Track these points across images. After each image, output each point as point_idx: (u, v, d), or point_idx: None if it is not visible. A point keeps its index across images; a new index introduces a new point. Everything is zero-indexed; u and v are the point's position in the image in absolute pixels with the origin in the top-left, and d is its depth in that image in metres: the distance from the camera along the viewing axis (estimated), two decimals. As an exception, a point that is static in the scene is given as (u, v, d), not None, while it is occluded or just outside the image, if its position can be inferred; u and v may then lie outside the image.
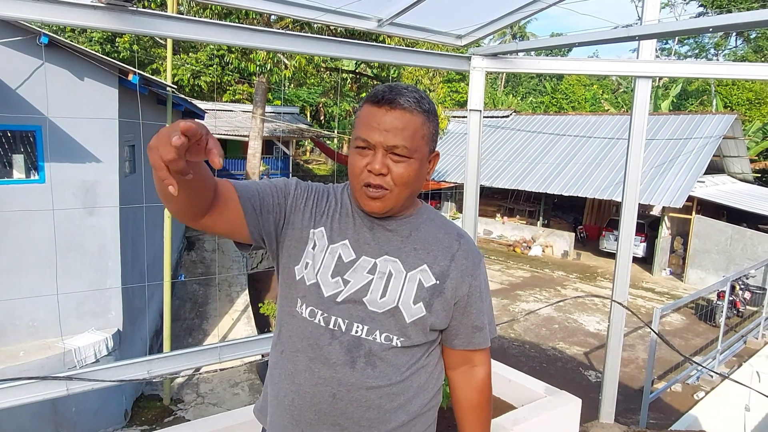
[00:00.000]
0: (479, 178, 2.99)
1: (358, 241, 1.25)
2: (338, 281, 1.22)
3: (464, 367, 1.36)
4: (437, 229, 1.31)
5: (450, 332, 1.31)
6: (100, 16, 1.89)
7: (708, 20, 2.23)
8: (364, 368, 1.19)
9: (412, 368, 1.25)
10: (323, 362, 1.20)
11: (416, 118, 1.17)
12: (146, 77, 7.15)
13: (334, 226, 1.26)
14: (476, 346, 1.33)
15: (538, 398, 2.56)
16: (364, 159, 1.17)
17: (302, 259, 1.25)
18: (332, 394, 1.19)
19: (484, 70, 2.87)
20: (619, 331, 3.15)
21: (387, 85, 1.19)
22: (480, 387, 1.37)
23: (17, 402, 2.08)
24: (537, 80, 38.41)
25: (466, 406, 1.37)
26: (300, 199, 1.27)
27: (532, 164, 17.13)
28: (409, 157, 1.17)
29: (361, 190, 1.19)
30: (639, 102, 2.92)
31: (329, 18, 2.49)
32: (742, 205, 13.56)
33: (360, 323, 1.20)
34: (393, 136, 1.15)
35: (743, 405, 5.55)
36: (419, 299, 1.22)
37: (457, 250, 1.28)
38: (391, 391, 1.21)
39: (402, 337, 1.22)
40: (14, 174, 5.97)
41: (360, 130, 1.18)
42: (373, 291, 1.21)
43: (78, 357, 6.02)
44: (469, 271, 1.28)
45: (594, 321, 10.70)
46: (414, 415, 1.26)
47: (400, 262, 1.24)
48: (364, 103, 1.20)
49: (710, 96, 25.11)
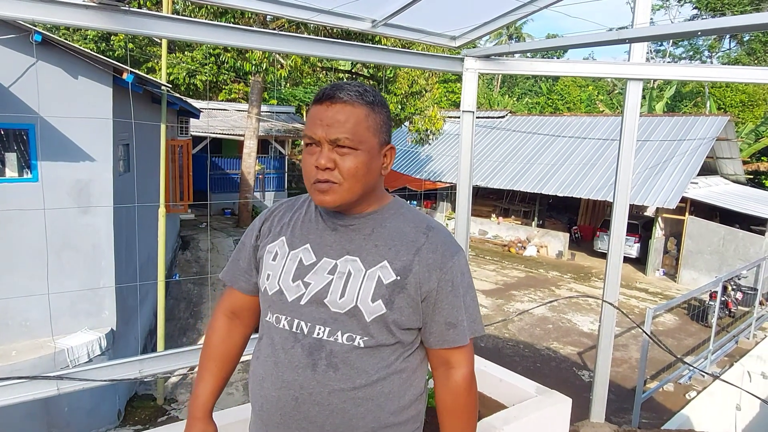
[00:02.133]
0: (472, 179, 3.01)
1: (320, 243, 1.26)
2: (299, 285, 1.23)
3: (442, 368, 1.30)
4: (405, 223, 1.27)
5: (425, 330, 1.26)
6: (93, 15, 1.89)
7: (698, 24, 2.25)
8: (325, 371, 1.17)
9: (381, 372, 1.20)
10: (286, 366, 1.20)
11: (358, 109, 1.17)
12: (141, 76, 7.13)
13: (296, 233, 1.29)
14: (450, 344, 1.26)
15: (529, 398, 2.58)
16: (312, 157, 1.19)
17: (263, 273, 1.30)
18: (295, 397, 1.19)
19: (477, 72, 2.88)
20: (609, 331, 3.17)
21: (331, 84, 1.21)
22: (455, 390, 1.28)
23: (7, 402, 2.08)
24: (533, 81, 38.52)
25: (441, 409, 1.31)
26: (262, 229, 1.36)
27: (527, 165, 17.18)
28: (354, 148, 1.16)
29: (312, 187, 1.20)
30: (630, 104, 2.94)
31: (323, 18, 2.49)
32: (735, 206, 13.65)
33: (322, 325, 1.20)
34: (334, 129, 1.16)
35: (734, 404, 5.60)
36: (378, 297, 1.18)
37: (424, 243, 1.23)
38: (357, 395, 1.18)
39: (365, 336, 1.18)
40: (7, 173, 5.94)
41: (306, 129, 1.21)
42: (332, 292, 1.20)
43: (71, 356, 6.00)
44: (437, 265, 1.21)
45: (588, 321, 10.74)
46: (386, 424, 1.21)
47: (360, 260, 1.22)
48: (310, 105, 1.22)
49: (704, 98, 25.23)
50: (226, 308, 1.42)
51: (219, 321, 1.41)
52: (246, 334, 1.44)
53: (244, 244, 1.39)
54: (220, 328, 1.41)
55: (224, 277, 1.42)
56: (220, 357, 1.39)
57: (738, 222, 13.96)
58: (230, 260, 1.42)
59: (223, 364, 1.39)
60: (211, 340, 1.41)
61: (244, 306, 1.40)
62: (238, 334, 1.42)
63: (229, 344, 1.41)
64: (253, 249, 1.36)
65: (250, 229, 1.39)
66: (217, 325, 1.41)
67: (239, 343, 1.42)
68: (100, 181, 6.39)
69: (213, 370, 1.38)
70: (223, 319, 1.41)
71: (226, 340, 1.40)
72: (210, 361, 1.39)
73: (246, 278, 1.37)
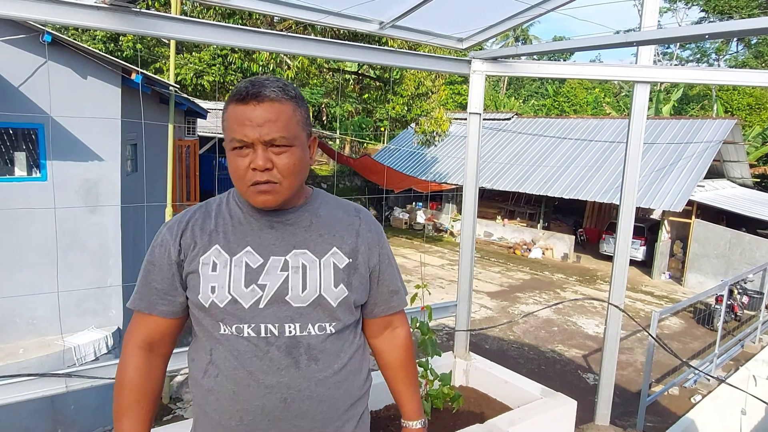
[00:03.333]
0: (478, 181, 3.01)
1: (261, 243, 1.23)
2: (254, 289, 1.20)
3: (386, 331, 1.42)
4: (335, 210, 1.33)
5: (369, 303, 1.36)
6: (104, 16, 1.91)
7: (706, 27, 2.26)
8: (308, 364, 1.20)
9: (349, 351, 1.28)
10: (266, 371, 1.18)
11: (286, 105, 1.15)
12: (149, 76, 7.18)
13: (230, 239, 1.23)
14: (395, 308, 1.40)
15: (534, 400, 2.59)
16: (244, 159, 1.15)
17: (202, 288, 1.20)
18: (283, 399, 1.18)
19: (484, 74, 2.89)
20: (615, 334, 3.17)
21: (248, 81, 1.16)
22: (405, 344, 1.44)
23: (17, 398, 2.10)
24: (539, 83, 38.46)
25: (396, 365, 1.43)
26: (183, 243, 1.24)
27: (533, 167, 17.15)
28: (289, 145, 1.16)
29: (249, 190, 1.17)
30: (637, 107, 2.94)
31: (331, 20, 2.51)
32: (741, 209, 13.58)
33: (290, 322, 1.20)
34: (268, 129, 1.13)
35: (740, 409, 5.56)
36: (339, 281, 1.24)
37: (360, 224, 1.33)
38: (336, 379, 1.23)
39: (333, 321, 1.24)
40: (16, 172, 5.99)
41: (233, 132, 1.14)
42: (292, 287, 1.21)
43: (78, 355, 6.04)
44: (375, 242, 1.33)
45: (593, 324, 10.71)
46: (356, 398, 1.29)
47: (309, 251, 1.24)
48: (228, 104, 1.16)
49: (711, 101, 25.11)
50: (141, 340, 1.27)
51: (135, 357, 1.25)
52: (165, 366, 1.32)
53: (154, 265, 1.25)
54: (139, 366, 1.25)
55: (137, 306, 1.27)
56: (144, 398, 1.25)
57: (744, 225, 13.89)
58: (139, 285, 1.27)
59: (148, 405, 1.26)
60: (130, 381, 1.24)
61: (165, 333, 1.29)
62: (159, 368, 1.29)
63: (152, 382, 1.27)
64: (176, 265, 1.23)
65: (161, 246, 1.25)
66: (134, 361, 1.25)
67: (161, 378, 1.30)
68: (108, 180, 6.44)
69: (139, 415, 1.24)
70: (140, 353, 1.26)
71: (148, 378, 1.26)
72: (133, 404, 1.24)
73: (167, 300, 1.25)
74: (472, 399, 2.76)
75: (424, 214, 19.61)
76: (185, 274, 1.23)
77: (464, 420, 2.49)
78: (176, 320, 1.29)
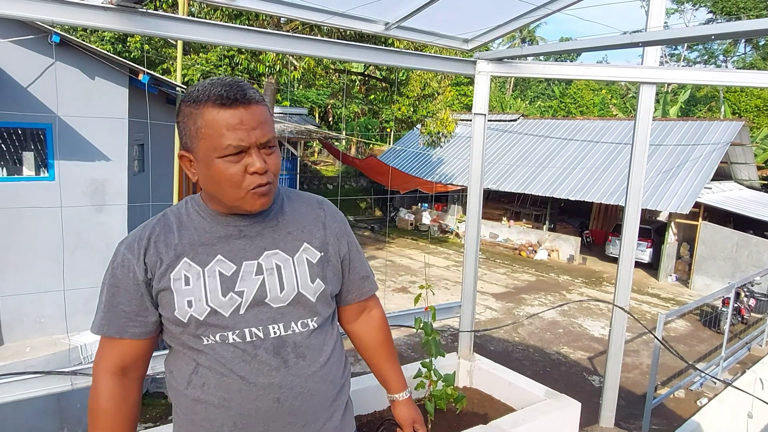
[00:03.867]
0: (483, 182, 3.01)
1: (231, 250, 1.20)
2: (232, 297, 1.18)
3: (363, 314, 1.47)
4: (298, 204, 1.33)
5: (343, 291, 1.39)
6: (110, 17, 1.93)
7: (711, 28, 2.25)
8: (296, 362, 1.21)
9: (330, 343, 1.30)
10: (256, 374, 1.18)
11: (264, 107, 1.15)
12: (156, 77, 7.22)
13: (198, 249, 1.19)
14: (368, 293, 1.44)
15: (538, 401, 2.58)
16: (238, 165, 1.12)
17: (177, 303, 1.16)
18: (276, 399, 1.19)
19: (489, 75, 2.89)
20: (620, 336, 3.16)
21: (221, 84, 1.11)
22: (382, 324, 1.49)
23: (22, 396, 2.11)
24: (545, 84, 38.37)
25: (376, 345, 1.48)
26: (147, 261, 1.18)
27: (539, 168, 17.11)
28: (274, 146, 1.18)
29: (248, 195, 1.14)
30: (643, 108, 2.93)
31: (337, 21, 2.52)
32: (749, 212, 13.49)
33: (273, 323, 1.20)
34: (261, 131, 1.13)
35: (746, 412, 5.53)
36: (315, 276, 1.26)
37: (325, 216, 1.34)
38: (323, 372, 1.26)
39: (314, 316, 1.25)
40: (24, 171, 6.03)
41: (223, 138, 1.09)
42: (270, 289, 1.20)
43: (84, 353, 6.07)
44: (342, 231, 1.36)
45: (599, 326, 10.67)
46: (339, 386, 1.32)
47: (281, 251, 1.24)
48: (204, 109, 1.10)
49: (719, 102, 24.98)
50: (113, 366, 1.21)
51: (108, 384, 1.20)
52: (140, 387, 1.27)
53: (118, 288, 1.18)
54: (113, 393, 1.19)
55: (105, 332, 1.20)
56: (120, 425, 1.20)
57: (752, 228, 13.79)
58: (104, 310, 1.20)
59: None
60: (105, 410, 1.19)
61: (138, 355, 1.23)
62: (134, 392, 1.24)
63: (128, 407, 1.22)
64: (143, 285, 1.18)
65: (122, 267, 1.18)
66: (107, 389, 1.19)
67: (137, 402, 1.24)
68: (115, 180, 6.48)
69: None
70: (113, 379, 1.20)
71: (123, 404, 1.21)
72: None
73: (138, 322, 1.20)
74: (475, 400, 2.76)
75: (429, 215, 19.60)
76: (155, 293, 1.18)
77: (468, 421, 2.48)
78: (149, 340, 1.24)
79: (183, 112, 1.14)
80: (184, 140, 1.17)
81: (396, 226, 19.77)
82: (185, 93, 1.17)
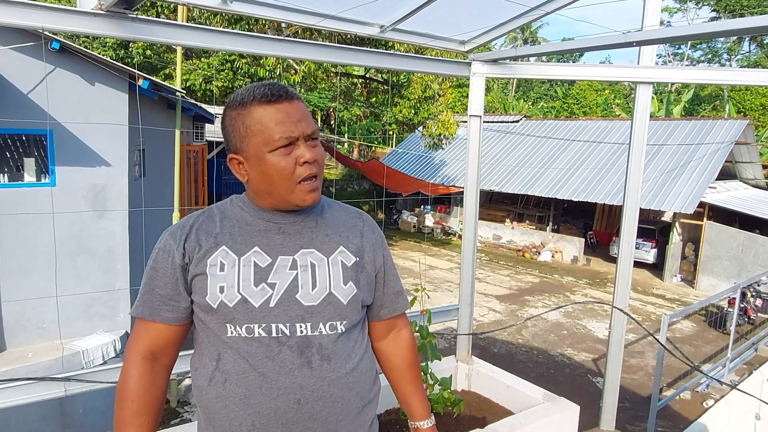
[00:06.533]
0: (479, 183, 3.00)
1: (269, 244, 1.23)
2: (264, 287, 1.19)
3: (391, 334, 1.43)
4: (338, 212, 1.36)
5: (375, 304, 1.37)
6: (101, 23, 1.92)
7: (709, 26, 2.23)
8: (321, 364, 1.19)
9: (359, 352, 1.27)
10: (278, 372, 1.16)
11: (304, 103, 1.21)
12: (156, 82, 7.23)
13: (237, 239, 1.22)
14: (401, 310, 1.42)
15: (536, 404, 2.56)
16: (289, 157, 1.16)
17: (210, 288, 1.18)
18: (296, 400, 1.16)
19: (484, 76, 2.87)
20: (620, 338, 3.13)
21: (264, 85, 1.19)
22: (410, 345, 1.46)
23: (19, 402, 2.10)
24: (548, 85, 38.33)
25: (403, 367, 1.44)
26: (187, 246, 1.22)
27: (542, 169, 17.06)
28: (318, 138, 1.21)
29: (298, 187, 1.18)
30: (640, 108, 2.91)
31: (330, 23, 2.51)
32: (754, 211, 13.41)
33: (301, 322, 1.19)
34: (306, 123, 1.18)
35: (753, 413, 5.48)
36: (348, 279, 1.25)
37: (363, 226, 1.35)
38: (349, 380, 1.22)
39: (343, 320, 1.23)
40: (25, 177, 6.06)
41: (272, 132, 1.15)
42: (302, 285, 1.21)
43: (86, 359, 6.08)
44: (379, 243, 1.36)
45: (603, 327, 10.61)
46: (367, 400, 1.28)
47: (317, 250, 1.25)
48: (251, 107, 1.17)
49: (723, 101, 24.88)
50: (144, 350, 1.23)
51: (138, 366, 1.22)
52: (168, 377, 1.28)
53: (157, 270, 1.22)
54: (141, 376, 1.21)
55: (140, 313, 1.23)
56: (146, 410, 1.20)
57: (758, 227, 13.70)
58: (142, 292, 1.24)
59: (151, 417, 1.21)
60: (133, 391, 1.20)
61: (168, 341, 1.26)
62: (162, 379, 1.25)
63: (156, 392, 1.23)
64: (180, 269, 1.21)
65: (163, 251, 1.23)
66: (137, 371, 1.21)
67: (164, 389, 1.26)
68: (115, 185, 6.49)
69: (142, 427, 1.19)
70: (143, 363, 1.22)
71: (151, 389, 1.22)
72: (136, 416, 1.19)
73: (171, 306, 1.23)
74: (473, 403, 2.74)
75: (432, 218, 19.58)
76: (191, 278, 1.21)
77: (465, 424, 2.46)
78: (180, 327, 1.26)
79: (229, 116, 1.20)
80: (232, 143, 1.21)
81: (399, 229, 19.76)
82: (228, 100, 1.22)
